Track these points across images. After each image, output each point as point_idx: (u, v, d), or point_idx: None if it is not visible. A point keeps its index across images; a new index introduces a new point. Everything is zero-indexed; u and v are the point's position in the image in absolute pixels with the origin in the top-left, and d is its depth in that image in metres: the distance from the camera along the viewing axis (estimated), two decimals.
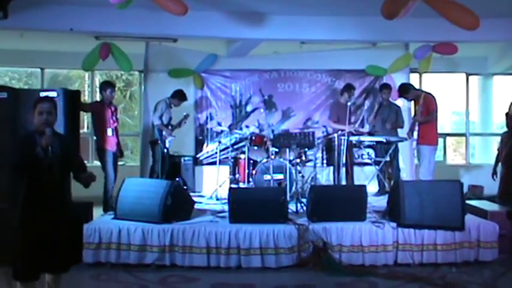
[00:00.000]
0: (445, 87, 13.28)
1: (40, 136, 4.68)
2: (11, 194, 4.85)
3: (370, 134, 10.65)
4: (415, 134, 10.05)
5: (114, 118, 9.67)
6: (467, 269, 6.97)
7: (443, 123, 13.81)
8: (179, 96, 10.61)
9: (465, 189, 9.89)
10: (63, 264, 4.89)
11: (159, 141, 10.20)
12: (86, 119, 12.38)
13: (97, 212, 8.78)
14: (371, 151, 10.79)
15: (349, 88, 10.67)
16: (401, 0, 7.01)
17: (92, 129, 9.99)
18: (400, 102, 10.85)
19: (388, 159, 9.88)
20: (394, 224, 7.23)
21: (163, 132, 10.23)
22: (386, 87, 10.61)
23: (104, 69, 13.26)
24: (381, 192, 10.31)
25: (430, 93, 9.82)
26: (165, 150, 10.22)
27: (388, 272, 6.88)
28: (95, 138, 9.79)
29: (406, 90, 9.98)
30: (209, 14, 9.64)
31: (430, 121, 9.57)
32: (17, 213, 4.73)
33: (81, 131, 9.55)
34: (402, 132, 10.34)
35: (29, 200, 4.71)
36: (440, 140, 12.01)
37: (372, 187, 10.17)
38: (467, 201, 8.08)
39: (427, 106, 9.54)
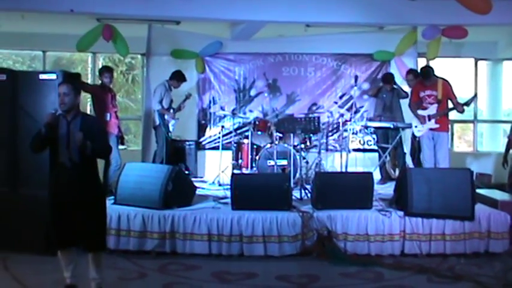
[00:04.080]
0: (453, 73, 12.99)
1: (63, 117, 5.08)
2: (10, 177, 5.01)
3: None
4: None
5: (113, 103, 9.47)
6: (477, 260, 6.79)
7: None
8: (177, 77, 10.28)
9: None
10: (90, 244, 5.27)
11: (162, 126, 9.95)
12: (88, 102, 12.19)
13: None
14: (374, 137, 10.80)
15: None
16: None
17: (94, 112, 9.78)
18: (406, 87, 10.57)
19: (394, 145, 9.66)
20: (401, 213, 7.07)
21: (166, 116, 10.00)
22: (388, 80, 10.29)
23: (106, 53, 13.03)
24: (384, 180, 10.12)
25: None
26: (169, 134, 10.01)
27: (395, 262, 6.73)
28: None
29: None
30: None
31: None
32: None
33: None
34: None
35: (51, 178, 5.20)
36: None
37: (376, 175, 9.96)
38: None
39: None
